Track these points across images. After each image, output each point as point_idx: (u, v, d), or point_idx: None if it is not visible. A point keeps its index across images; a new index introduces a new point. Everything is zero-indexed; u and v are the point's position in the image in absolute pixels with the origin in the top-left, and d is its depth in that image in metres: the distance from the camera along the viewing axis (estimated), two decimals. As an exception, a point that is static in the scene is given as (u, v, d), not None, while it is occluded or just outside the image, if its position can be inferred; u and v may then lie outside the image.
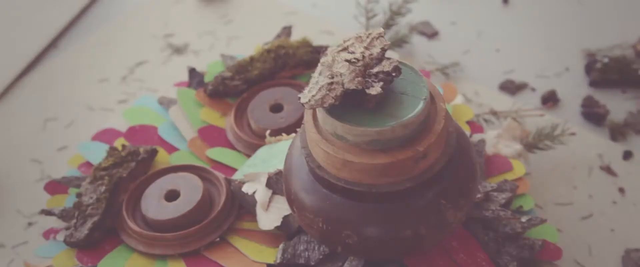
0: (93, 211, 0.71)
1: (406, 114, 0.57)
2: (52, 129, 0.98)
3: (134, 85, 1.05)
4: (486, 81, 1.03)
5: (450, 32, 1.13)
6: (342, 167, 0.58)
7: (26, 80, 1.07)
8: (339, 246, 0.61)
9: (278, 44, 0.88)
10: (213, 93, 0.86)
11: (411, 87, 0.59)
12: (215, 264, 0.69)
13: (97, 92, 1.04)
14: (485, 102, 0.99)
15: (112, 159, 0.76)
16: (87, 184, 0.74)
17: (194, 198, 0.72)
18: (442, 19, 1.15)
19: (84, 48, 1.12)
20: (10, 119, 1.00)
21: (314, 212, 0.61)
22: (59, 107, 1.02)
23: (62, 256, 0.70)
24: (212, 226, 0.71)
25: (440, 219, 0.60)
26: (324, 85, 0.57)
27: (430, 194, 0.59)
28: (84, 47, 1.12)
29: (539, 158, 0.90)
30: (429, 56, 1.08)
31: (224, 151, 0.80)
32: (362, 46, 0.60)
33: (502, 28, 1.13)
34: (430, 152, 0.58)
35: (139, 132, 0.83)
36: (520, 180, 0.77)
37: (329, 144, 0.58)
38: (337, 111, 0.57)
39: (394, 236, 0.59)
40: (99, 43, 1.13)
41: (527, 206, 0.75)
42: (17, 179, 0.91)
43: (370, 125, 0.56)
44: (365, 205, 0.59)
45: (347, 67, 0.58)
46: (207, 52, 1.10)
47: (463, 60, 1.07)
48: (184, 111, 0.85)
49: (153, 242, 0.70)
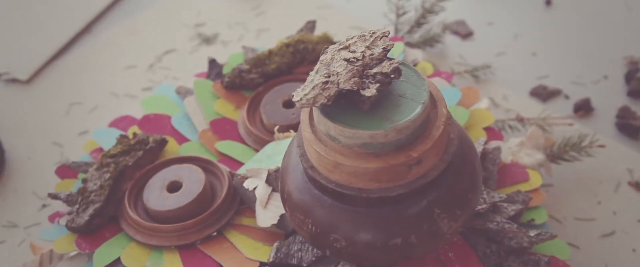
0: (95, 198, 0.71)
1: (402, 118, 0.54)
2: (76, 113, 0.99)
3: (160, 73, 1.05)
4: (517, 86, 0.99)
5: (485, 33, 1.09)
6: (334, 169, 0.56)
7: (58, 63, 1.08)
8: (327, 249, 0.59)
9: (298, 38, 0.86)
10: (229, 85, 0.85)
11: (411, 90, 0.57)
12: (209, 258, 0.68)
13: (123, 78, 1.04)
14: (513, 108, 0.95)
15: (120, 146, 0.76)
16: (94, 171, 0.74)
17: (194, 191, 0.71)
18: (479, 18, 1.12)
19: (116, 34, 1.13)
20: (38, 101, 1.02)
21: (304, 213, 0.59)
22: (85, 91, 1.03)
23: (63, 240, 0.71)
24: (210, 220, 0.70)
25: (434, 229, 0.57)
26: (318, 84, 0.55)
27: (424, 202, 0.57)
28: (117, 33, 1.14)
29: (563, 169, 0.86)
30: (461, 57, 1.05)
31: (233, 145, 0.79)
32: (364, 45, 0.58)
33: (541, 31, 1.08)
34: (425, 159, 0.55)
35: (152, 120, 0.83)
36: (535, 192, 0.74)
37: (321, 144, 0.56)
38: (332, 111, 0.55)
39: (383, 242, 0.57)
40: (131, 30, 1.14)
41: (539, 219, 0.72)
42: (37, 161, 0.92)
43: (364, 128, 0.54)
44: (355, 209, 0.57)
45: (345, 66, 0.56)
46: (235, 43, 1.09)
47: (496, 63, 1.03)
48: (198, 102, 0.84)
49: (150, 232, 0.69)
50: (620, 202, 0.82)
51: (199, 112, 0.83)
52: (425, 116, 0.56)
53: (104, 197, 0.71)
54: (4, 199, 0.87)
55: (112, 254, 0.69)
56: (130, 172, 0.74)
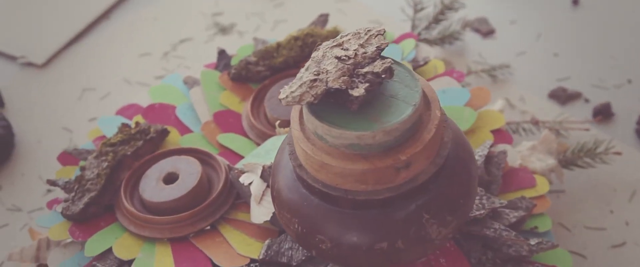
0: (92, 186, 0.71)
1: (391, 119, 0.53)
2: (88, 99, 0.99)
3: (174, 62, 1.04)
4: (536, 87, 0.96)
5: (507, 31, 1.06)
6: (320, 169, 0.55)
7: (74, 48, 1.09)
8: (313, 250, 0.58)
9: (307, 32, 0.85)
10: (235, 77, 0.84)
11: (403, 91, 0.55)
12: (200, 252, 0.67)
13: (137, 66, 1.04)
14: (529, 110, 0.93)
15: (121, 135, 0.75)
16: (92, 159, 0.74)
17: (190, 184, 0.70)
18: (501, 16, 1.09)
19: (133, 21, 1.13)
20: (52, 86, 1.02)
21: (291, 211, 0.58)
22: (99, 78, 1.03)
23: (58, 227, 0.71)
24: (204, 213, 0.69)
25: (422, 235, 0.55)
26: (306, 82, 0.53)
27: (413, 207, 0.55)
28: (134, 20, 1.13)
29: (576, 176, 0.83)
30: (480, 56, 1.02)
31: (235, 138, 0.78)
32: (358, 43, 0.57)
33: (565, 31, 1.05)
34: (414, 162, 0.54)
35: (157, 110, 0.83)
36: (541, 198, 0.72)
37: (309, 143, 0.55)
38: (320, 110, 0.54)
39: (369, 246, 0.55)
40: (149, 17, 1.14)
41: (543, 227, 0.70)
42: (46, 145, 0.93)
43: (351, 128, 0.52)
44: (341, 211, 0.56)
45: (335, 64, 0.54)
46: (251, 34, 1.08)
47: (515, 63, 1.00)
48: (204, 93, 0.83)
49: (143, 223, 0.69)
50: (633, 213, 0.79)
51: (204, 104, 0.83)
52: (417, 118, 0.54)
53: (100, 186, 0.71)
54: (10, 182, 0.88)
55: (105, 244, 0.68)
56: (129, 162, 0.74)
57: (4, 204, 0.85)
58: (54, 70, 1.05)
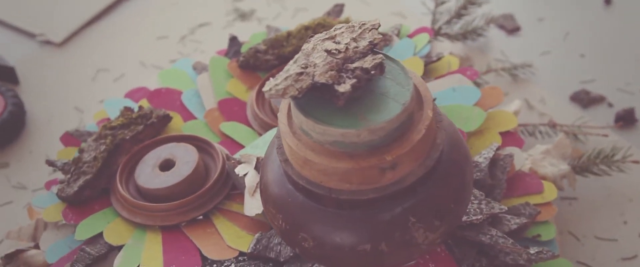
0: (88, 169, 0.70)
1: (378, 118, 0.50)
2: (101, 80, 0.99)
3: (190, 46, 1.04)
4: (558, 88, 0.93)
5: (534, 29, 1.03)
6: (304, 165, 0.53)
7: (93, 28, 1.09)
8: (296, 247, 0.56)
9: (318, 22, 0.83)
10: (244, 65, 0.83)
11: (394, 89, 0.53)
12: (190, 242, 0.66)
13: (153, 48, 1.04)
14: (548, 112, 0.89)
15: (122, 119, 0.75)
16: (91, 141, 0.73)
17: (185, 172, 0.69)
18: (529, 13, 1.05)
19: (153, 3, 1.13)
20: (67, 65, 1.02)
21: (276, 207, 0.57)
22: (114, 59, 1.03)
23: (53, 208, 0.70)
24: (197, 203, 0.68)
25: (407, 238, 0.53)
26: (292, 75, 0.52)
27: (399, 209, 0.53)
28: (154, 2, 1.13)
29: (591, 183, 0.80)
30: (502, 53, 0.99)
31: (237, 127, 0.77)
32: (350, 37, 0.55)
33: (594, 31, 1.01)
34: (401, 163, 0.51)
35: (163, 95, 0.82)
36: (547, 206, 0.69)
37: (295, 138, 0.53)
38: (307, 105, 0.52)
39: (351, 247, 0.54)
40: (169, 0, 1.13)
41: (546, 236, 0.67)
42: (57, 124, 0.93)
43: (336, 125, 0.50)
44: (325, 209, 0.54)
45: (324, 58, 0.53)
46: (270, 21, 1.07)
47: (539, 62, 0.97)
48: (211, 80, 0.82)
49: (136, 210, 0.68)
50: (648, 225, 0.76)
51: (210, 90, 0.82)
52: (406, 118, 0.51)
53: (96, 169, 0.70)
54: (18, 160, 0.88)
55: (96, 228, 0.68)
56: (127, 146, 0.73)
57: (10, 181, 0.86)
58: (71, 49, 1.05)
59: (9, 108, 0.90)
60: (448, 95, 0.76)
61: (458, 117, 0.73)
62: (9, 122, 0.89)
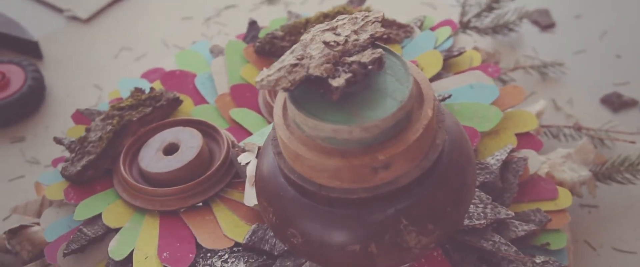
0: (92, 149, 0.70)
1: (372, 115, 0.48)
2: (123, 58, 0.99)
3: (215, 28, 1.02)
4: (589, 90, 0.89)
5: (569, 27, 0.99)
6: (295, 160, 0.51)
7: (119, 5, 1.08)
8: (286, 243, 0.55)
9: (338, 10, 0.81)
10: (259, 50, 0.81)
11: (393, 86, 0.50)
12: (186, 229, 0.65)
13: (177, 29, 1.03)
14: (575, 115, 0.85)
15: (131, 100, 0.74)
16: (99, 121, 0.73)
17: (187, 157, 0.68)
18: (566, 10, 1.01)
19: (183, -17, 1.12)
20: (92, 42, 1.02)
21: (268, 200, 0.55)
22: (138, 38, 1.02)
23: (56, 186, 0.70)
24: (197, 189, 0.67)
25: (398, 241, 0.51)
26: (286, 66, 0.50)
27: (391, 211, 0.51)
28: (184, -18, 1.12)
29: (613, 191, 0.76)
30: (533, 50, 0.95)
31: (247, 113, 0.75)
32: (352, 29, 0.52)
33: (633, 31, 0.96)
34: (394, 163, 0.49)
35: (177, 77, 0.81)
36: (560, 213, 0.66)
37: (288, 131, 0.51)
38: (301, 97, 0.50)
39: (340, 246, 0.52)
40: (199, -20, 1.12)
41: (556, 244, 0.64)
42: (75, 101, 0.93)
43: (328, 120, 0.48)
44: (315, 206, 0.52)
45: (321, 50, 0.50)
46: (298, 6, 1.05)
47: (571, 61, 0.93)
48: (226, 64, 0.81)
49: (136, 193, 0.67)
50: (671, 240, 0.72)
51: (224, 75, 0.80)
52: (403, 116, 0.49)
53: (100, 150, 0.70)
54: (34, 134, 0.89)
55: (95, 209, 0.67)
56: (134, 128, 0.73)
57: (24, 156, 0.86)
58: (96, 26, 1.05)
59: (29, 82, 0.90)
60: (465, 92, 0.73)
61: (473, 116, 0.70)
62: (27, 96, 0.90)
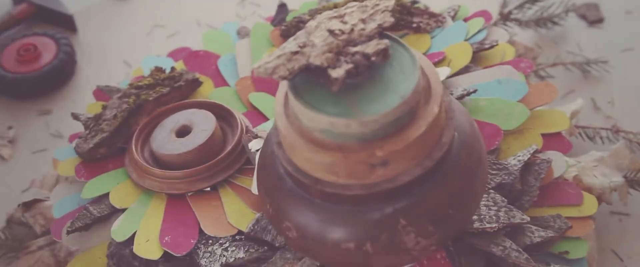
0: (106, 127, 0.69)
1: (372, 109, 0.46)
2: (155, 35, 0.98)
3: (249, 9, 1.01)
4: (632, 91, 0.84)
5: (619, 23, 0.93)
6: (292, 151, 0.49)
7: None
8: (282, 235, 0.53)
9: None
10: (285, 34, 0.79)
11: (397, 79, 0.48)
12: (191, 213, 0.64)
13: (211, 8, 1.02)
14: (615, 116, 0.81)
15: (149, 79, 0.73)
16: (116, 99, 0.72)
17: (199, 140, 0.67)
18: (616, 4, 0.95)
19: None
20: (126, 18, 1.02)
21: (266, 190, 0.53)
22: (171, 15, 1.01)
23: (68, 162, 0.70)
24: (206, 174, 0.65)
25: (395, 242, 0.49)
26: (286, 53, 0.48)
27: (389, 210, 0.48)
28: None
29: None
30: (577, 46, 0.90)
31: (266, 98, 0.74)
32: (359, 17, 0.50)
33: (687, 30, 0.91)
34: (393, 161, 0.47)
35: (200, 58, 0.79)
36: (583, 220, 0.62)
37: (287, 121, 0.49)
38: (302, 86, 0.48)
39: (334, 243, 0.50)
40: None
41: (576, 253, 0.60)
42: (103, 76, 0.93)
43: (326, 112, 0.46)
44: (310, 200, 0.50)
45: (325, 38, 0.48)
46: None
47: (617, 59, 0.88)
48: (251, 47, 0.79)
49: (144, 174, 0.66)
50: None
51: (248, 58, 0.79)
52: (405, 112, 0.46)
53: (114, 128, 0.69)
54: (61, 107, 0.89)
55: (104, 188, 0.67)
56: (150, 108, 0.71)
57: (49, 128, 0.86)
58: (132, 3, 1.04)
59: (60, 56, 0.90)
60: (492, 87, 0.69)
61: (498, 113, 0.67)
62: (58, 69, 0.90)
